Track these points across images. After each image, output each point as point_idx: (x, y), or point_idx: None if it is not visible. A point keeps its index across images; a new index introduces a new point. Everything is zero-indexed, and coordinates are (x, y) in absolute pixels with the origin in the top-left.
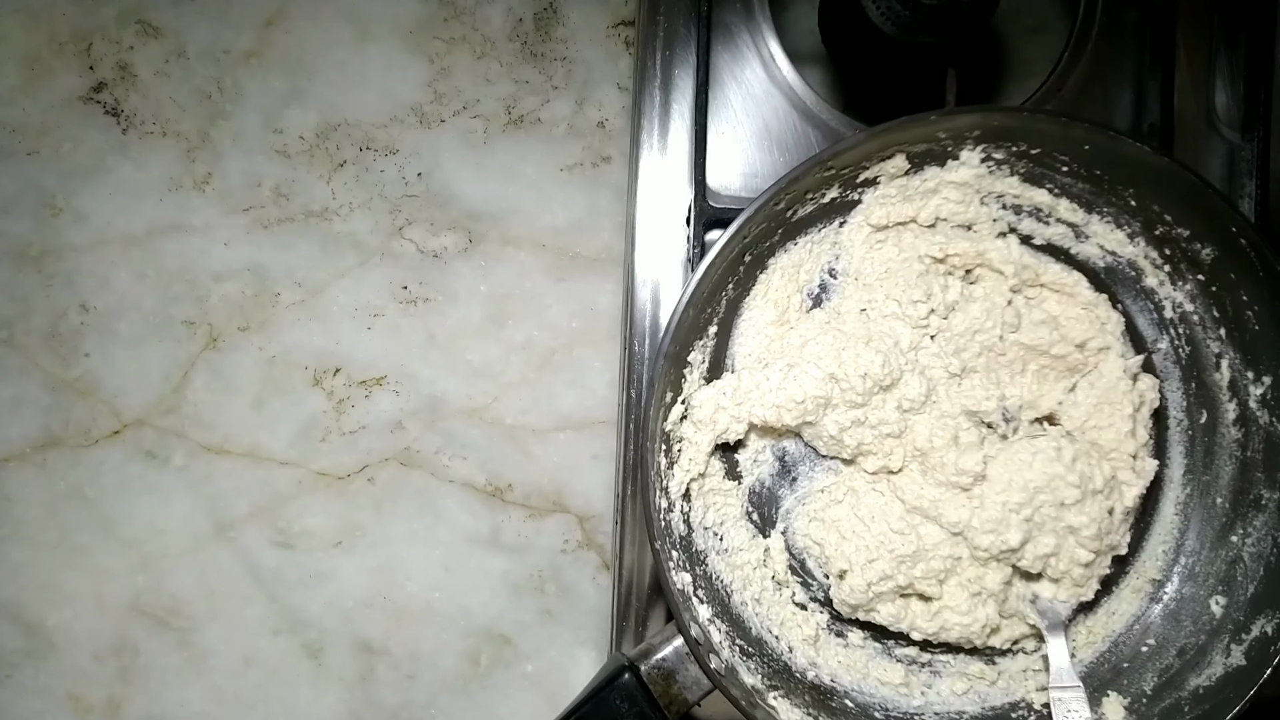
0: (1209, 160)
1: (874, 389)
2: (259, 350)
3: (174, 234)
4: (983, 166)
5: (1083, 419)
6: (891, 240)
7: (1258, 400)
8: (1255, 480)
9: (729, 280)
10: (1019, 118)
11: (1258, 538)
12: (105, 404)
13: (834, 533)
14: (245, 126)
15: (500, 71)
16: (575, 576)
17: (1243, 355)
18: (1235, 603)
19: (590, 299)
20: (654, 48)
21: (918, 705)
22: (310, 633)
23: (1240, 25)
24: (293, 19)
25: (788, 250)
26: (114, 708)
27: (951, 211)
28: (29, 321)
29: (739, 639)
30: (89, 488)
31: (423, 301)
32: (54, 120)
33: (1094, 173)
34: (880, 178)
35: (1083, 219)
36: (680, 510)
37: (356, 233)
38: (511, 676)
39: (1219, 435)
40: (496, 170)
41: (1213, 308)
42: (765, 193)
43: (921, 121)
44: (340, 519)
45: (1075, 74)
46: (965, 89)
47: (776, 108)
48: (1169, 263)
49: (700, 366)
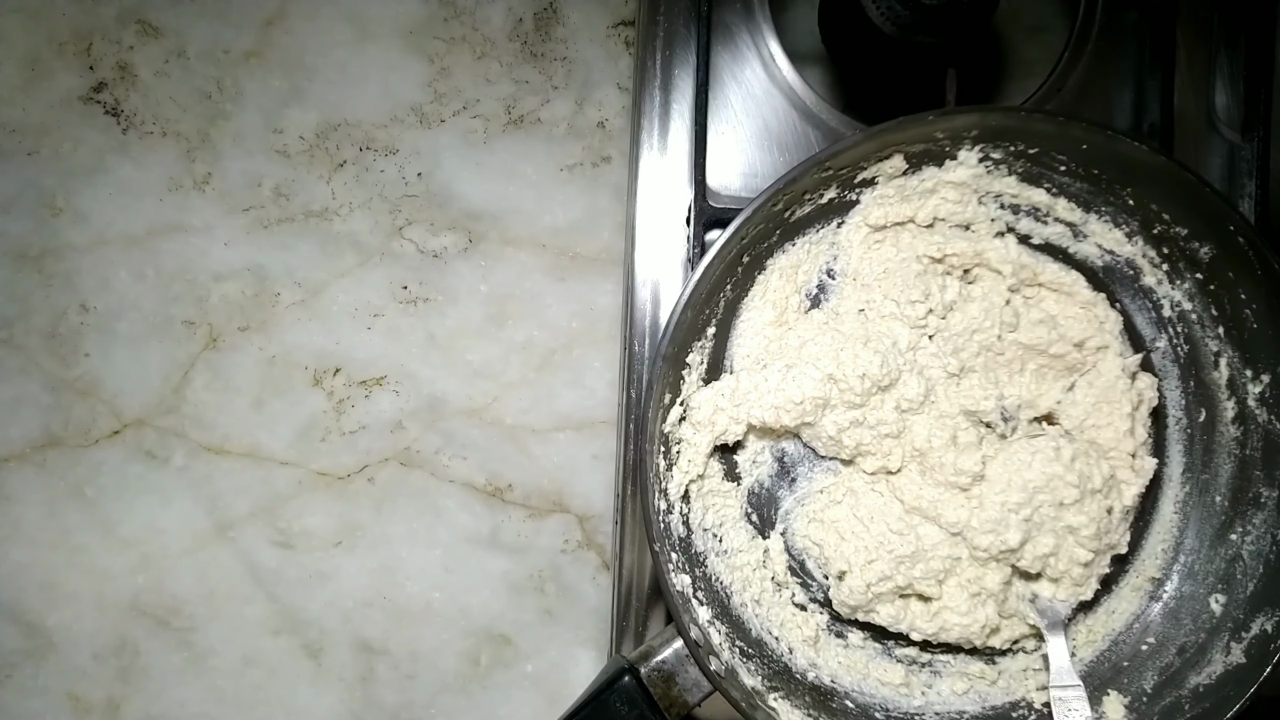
0: (1209, 160)
1: (872, 389)
2: (259, 350)
3: (174, 234)
4: (980, 166)
5: (1081, 418)
6: (889, 240)
7: (1256, 398)
8: (1254, 478)
9: (727, 281)
10: (1016, 118)
11: (1257, 535)
12: (105, 404)
13: (833, 534)
14: (245, 126)
15: (500, 71)
16: (575, 577)
17: (1241, 353)
18: (1235, 601)
19: (590, 299)
20: (654, 48)
21: (918, 705)
22: (310, 633)
23: (1240, 25)
24: (293, 19)
25: (786, 251)
26: (114, 708)
27: (949, 211)
28: (29, 321)
29: (739, 640)
30: (89, 488)
31: (423, 301)
32: (54, 120)
33: (1092, 172)
34: (878, 178)
35: (1081, 218)
36: (679, 512)
37: (356, 233)
38: (511, 677)
39: (1218, 433)
40: (496, 170)
41: (1211, 306)
42: (763, 194)
43: (919, 122)
44: (340, 519)
45: (1075, 74)
46: (965, 89)
47: (776, 108)
48: (1167, 261)
49: (699, 368)
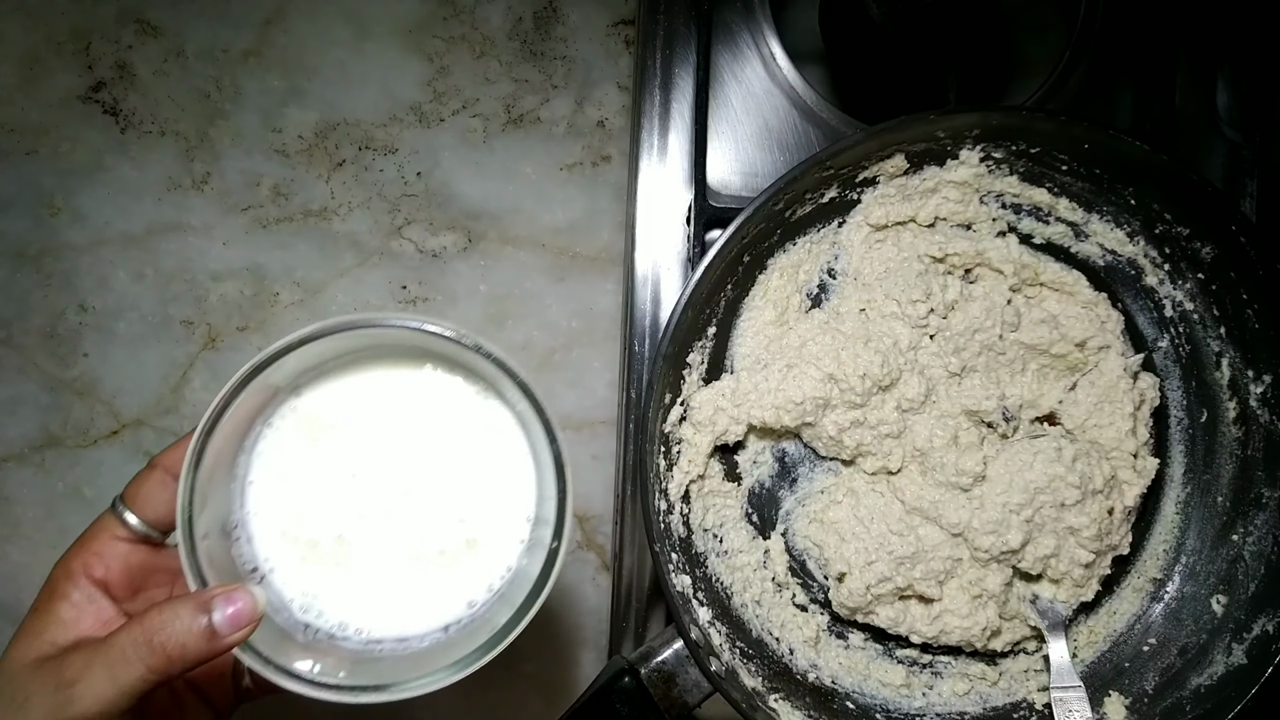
0: (1210, 159)
1: (873, 389)
2: (258, 350)
3: (173, 234)
4: (982, 166)
5: (1083, 418)
6: (891, 240)
7: (1258, 399)
8: (1256, 479)
9: (728, 281)
10: (1018, 117)
11: (1258, 536)
12: (104, 404)
13: (833, 535)
14: (244, 126)
15: (500, 70)
16: (575, 577)
17: (1243, 354)
18: (1236, 601)
19: (590, 299)
20: (654, 46)
21: (919, 706)
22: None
23: (1242, 25)
24: (291, 18)
25: (786, 250)
26: None
27: (951, 211)
28: (28, 321)
29: (739, 641)
30: (88, 488)
31: (422, 301)
32: (53, 120)
33: (1094, 171)
34: (879, 177)
35: (1082, 218)
36: (680, 512)
37: (355, 232)
38: (511, 677)
39: (1219, 434)
40: (496, 170)
41: (1213, 306)
42: (764, 193)
43: (921, 121)
44: None
45: (1077, 73)
46: (967, 88)
47: (777, 106)
48: (1169, 261)
49: (699, 368)
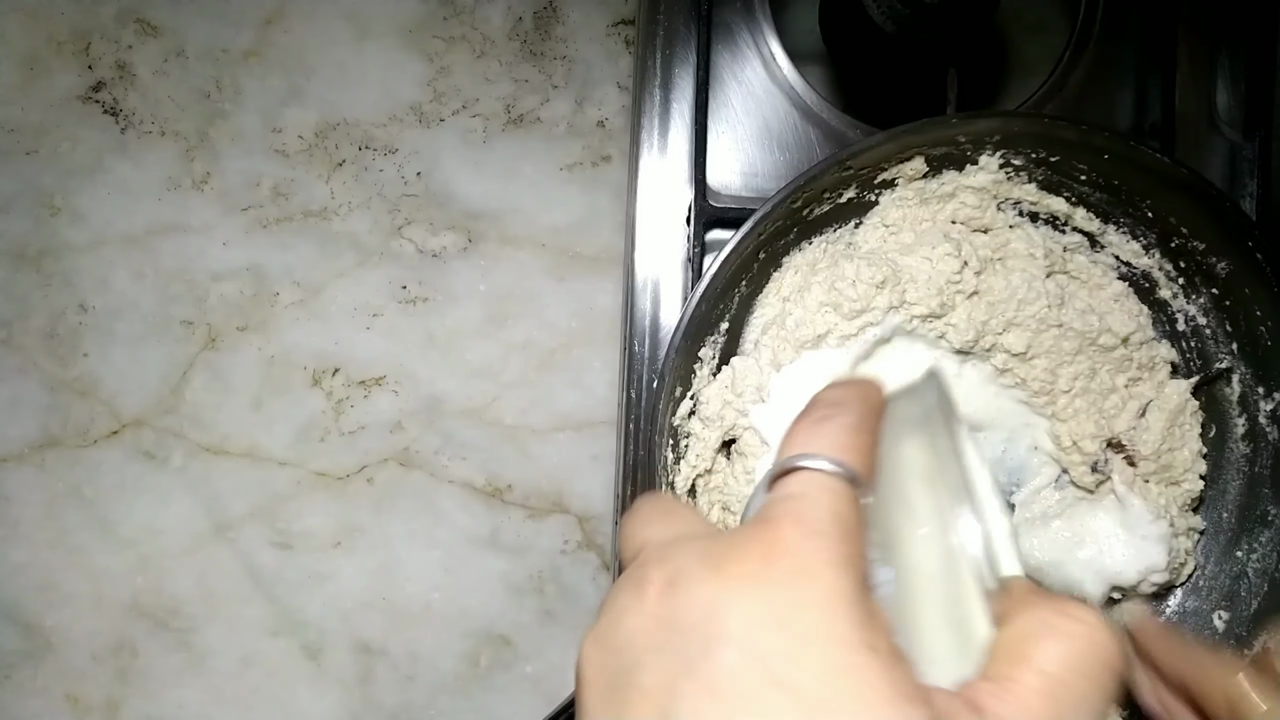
0: (1211, 160)
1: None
2: (258, 350)
3: (173, 234)
4: (1001, 172)
5: (1156, 443)
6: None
7: (1267, 416)
8: (1262, 496)
9: (742, 278)
10: (1040, 124)
11: (1263, 553)
12: (104, 404)
13: None
14: (244, 126)
15: (500, 70)
16: (575, 577)
17: (1254, 371)
18: (1238, 618)
19: (590, 299)
20: (654, 47)
21: None
22: (309, 633)
23: (1242, 24)
24: (291, 18)
25: (802, 249)
26: (112, 708)
27: (968, 216)
28: (27, 321)
29: None
30: (87, 488)
31: (422, 301)
32: (52, 120)
33: (1112, 182)
34: (898, 180)
35: (1099, 228)
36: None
37: (355, 232)
38: (511, 677)
39: (1227, 450)
40: (496, 169)
41: (1226, 322)
42: (783, 190)
43: (941, 124)
44: (339, 519)
45: (1076, 73)
46: (967, 89)
47: (777, 107)
48: (1183, 275)
49: (710, 362)
